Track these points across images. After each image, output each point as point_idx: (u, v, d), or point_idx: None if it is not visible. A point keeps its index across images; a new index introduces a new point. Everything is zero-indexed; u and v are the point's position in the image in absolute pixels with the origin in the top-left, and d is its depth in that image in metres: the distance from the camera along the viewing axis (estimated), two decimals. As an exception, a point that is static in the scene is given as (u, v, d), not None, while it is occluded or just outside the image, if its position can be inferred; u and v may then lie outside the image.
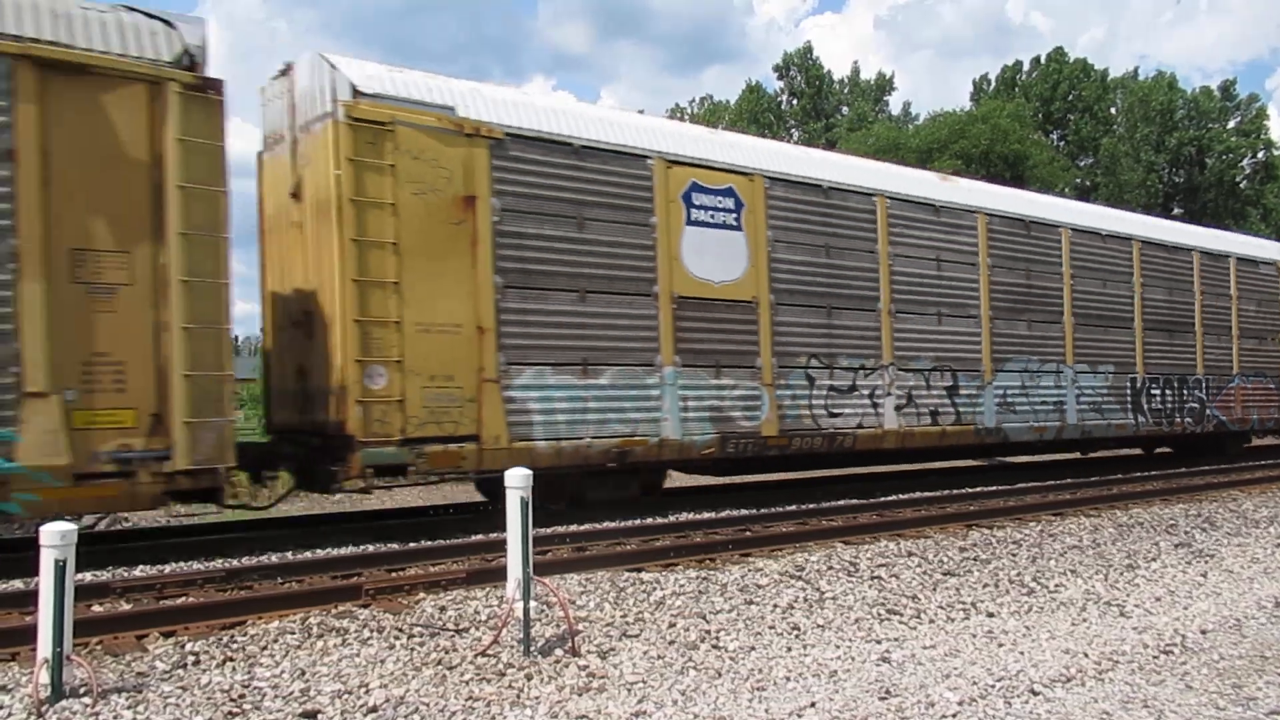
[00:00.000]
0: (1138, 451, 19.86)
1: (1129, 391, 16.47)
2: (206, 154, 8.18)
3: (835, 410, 12.40)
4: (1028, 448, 16.10)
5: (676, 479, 14.02)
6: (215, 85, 8.26)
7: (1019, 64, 58.19)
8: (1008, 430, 14.46)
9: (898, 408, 13.05)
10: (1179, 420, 17.43)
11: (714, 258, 11.37)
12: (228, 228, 8.34)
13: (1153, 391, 16.94)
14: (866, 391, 12.75)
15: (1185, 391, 17.63)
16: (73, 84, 7.69)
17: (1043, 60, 57.16)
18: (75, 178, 7.69)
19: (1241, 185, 55.59)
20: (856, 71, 62.21)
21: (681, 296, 11.05)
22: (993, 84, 58.14)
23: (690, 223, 11.21)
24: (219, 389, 8.19)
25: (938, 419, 13.53)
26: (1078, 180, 52.48)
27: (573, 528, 9.71)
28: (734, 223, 11.59)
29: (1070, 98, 55.74)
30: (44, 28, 7.66)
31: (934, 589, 7.50)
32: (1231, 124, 55.93)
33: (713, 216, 11.40)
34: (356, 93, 9.20)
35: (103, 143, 7.82)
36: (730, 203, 11.55)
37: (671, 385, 10.92)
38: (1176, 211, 51.63)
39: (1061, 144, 55.71)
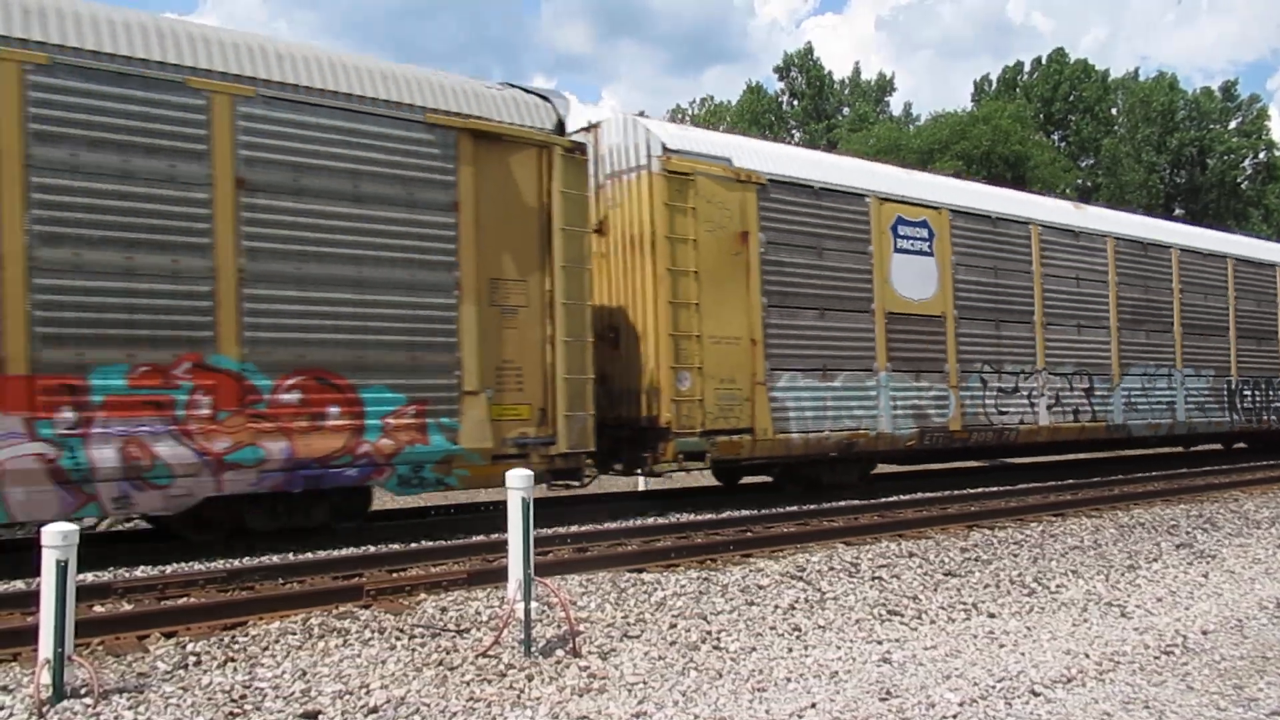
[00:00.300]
0: (1139, 452, 20.08)
1: (1226, 392, 18.59)
2: (578, 202, 10.34)
3: (1003, 409, 14.52)
4: (1144, 442, 18.13)
5: (678, 479, 14.03)
6: (581, 148, 10.50)
7: (1020, 65, 58.27)
8: (1131, 427, 16.58)
9: (1049, 407, 15.17)
10: (1266, 418, 19.57)
11: (913, 279, 13.50)
12: (590, 261, 10.58)
13: (1245, 392, 19.05)
14: (1025, 393, 14.85)
15: (1271, 392, 19.78)
16: (491, 149, 9.78)
17: (1043, 61, 57.19)
18: (493, 222, 9.76)
19: (1243, 186, 55.59)
20: (857, 72, 62.26)
21: (891, 312, 13.18)
22: (994, 85, 58.15)
23: (896, 250, 13.33)
24: (584, 389, 10.24)
25: (1078, 416, 15.65)
26: (1079, 181, 52.48)
27: (573, 528, 9.73)
28: (927, 249, 13.74)
29: (1071, 98, 55.76)
30: (472, 105, 9.77)
31: (935, 589, 7.50)
32: (1233, 125, 55.95)
33: (912, 244, 13.54)
34: (666, 150, 11.33)
35: (510, 194, 9.89)
36: (924, 233, 13.73)
37: (885, 387, 13.02)
38: (1178, 212, 51.62)
39: (1063, 145, 55.72)
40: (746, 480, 14.53)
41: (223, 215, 8.38)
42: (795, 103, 61.32)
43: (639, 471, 11.64)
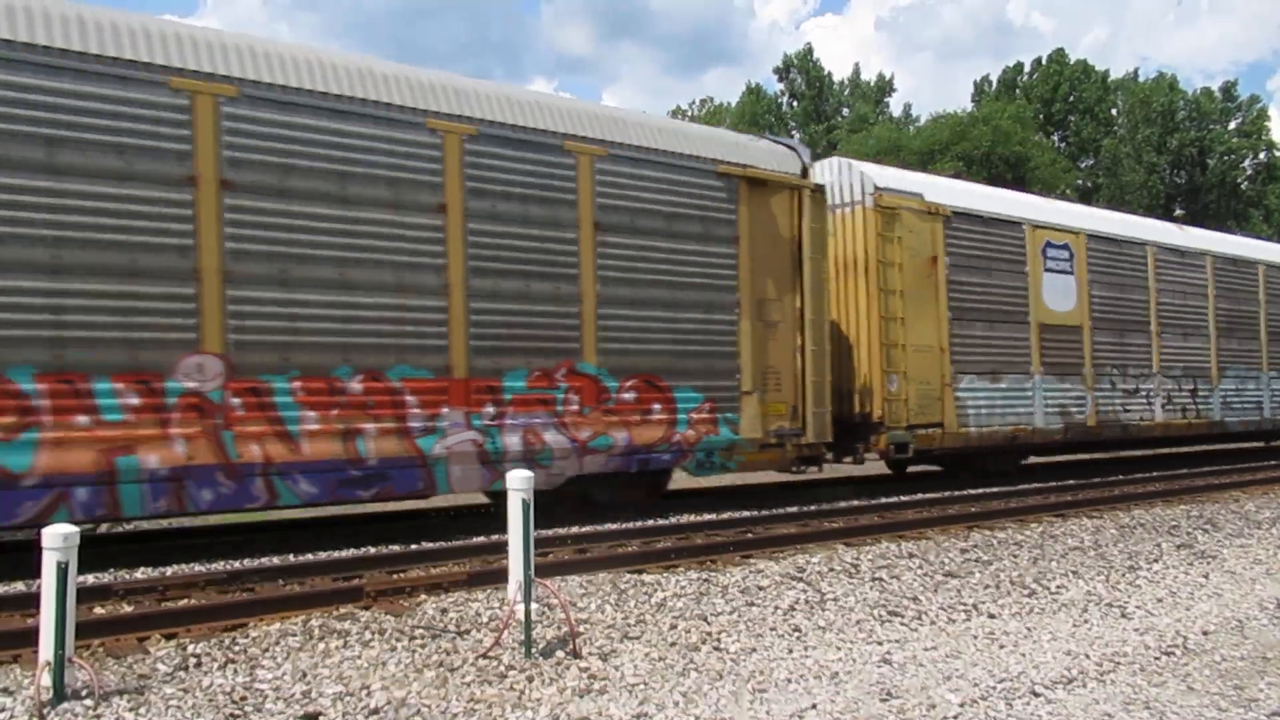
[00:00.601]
0: (1140, 453, 20.20)
1: None
2: (819, 235, 12.40)
3: (1127, 407, 16.72)
4: (1238, 436, 20.31)
5: (679, 480, 14.02)
6: (822, 189, 12.62)
7: (1020, 65, 58.28)
8: (1228, 423, 18.82)
9: (1163, 405, 17.45)
10: None
11: (1058, 295, 15.60)
12: (827, 283, 12.71)
13: None
14: (1144, 393, 17.07)
15: None
16: (759, 192, 11.85)
17: (1043, 61, 57.21)
18: (760, 252, 11.80)
19: (1243, 186, 55.61)
20: (857, 73, 62.27)
21: (1042, 324, 15.26)
22: (993, 85, 58.17)
23: (1046, 270, 15.45)
24: (824, 390, 12.35)
25: (1186, 414, 17.94)
26: (1079, 182, 52.50)
27: (574, 529, 9.73)
28: (1068, 269, 15.86)
29: (1071, 99, 55.80)
30: (745, 156, 11.92)
31: (935, 590, 7.50)
32: (1232, 125, 55.96)
33: (1057, 265, 15.64)
34: (877, 188, 13.45)
35: (771, 229, 11.94)
36: (1067, 254, 15.85)
37: (1039, 388, 15.11)
38: (1178, 212, 51.63)
39: (1063, 145, 55.73)
40: (737, 482, 14.53)
41: (585, 252, 10.45)
42: (795, 104, 61.34)
43: (847, 460, 13.65)
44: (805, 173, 12.36)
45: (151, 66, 8.19)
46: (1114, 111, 56.67)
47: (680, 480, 14.05)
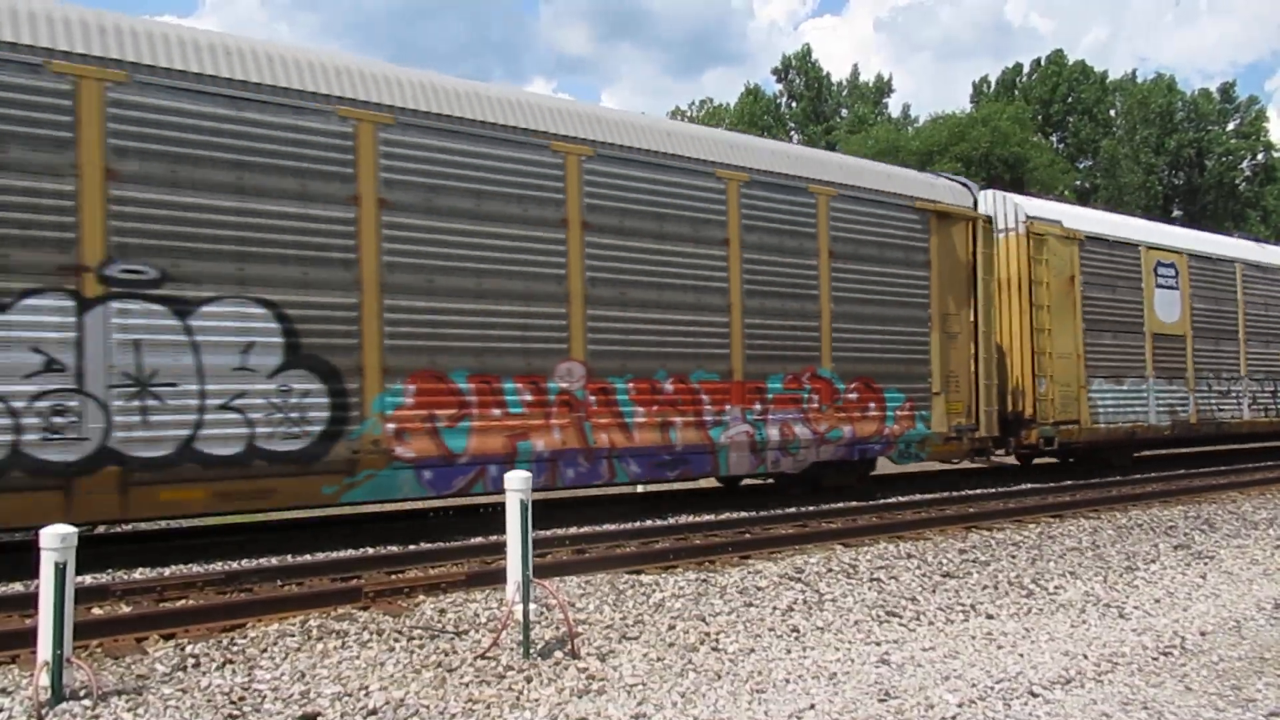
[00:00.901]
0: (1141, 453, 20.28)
1: None
2: (988, 259, 14.70)
3: (1221, 407, 19.02)
4: None
5: (680, 483, 14.01)
6: (990, 220, 14.95)
7: (1019, 66, 58.30)
8: None
9: (1249, 405, 19.82)
10: None
11: (1166, 307, 17.82)
12: (994, 301, 14.96)
13: None
14: (1234, 394, 19.39)
15: None
16: (944, 223, 14.07)
17: (1042, 62, 57.24)
18: (945, 275, 14.03)
19: (1241, 187, 55.65)
20: (856, 74, 62.28)
21: (1155, 333, 17.49)
22: (992, 86, 58.19)
23: (1157, 286, 17.66)
24: (992, 391, 14.51)
25: (1268, 412, 20.39)
26: (1077, 183, 52.53)
27: (572, 530, 9.73)
28: (1174, 284, 18.03)
29: (1069, 100, 55.83)
30: (932, 193, 14.16)
31: (933, 591, 7.50)
32: (1231, 126, 56.00)
33: (1165, 281, 17.86)
34: (1029, 217, 15.61)
35: (952, 255, 14.15)
36: (1173, 272, 18.07)
37: (1152, 390, 17.34)
38: (1176, 214, 51.65)
39: (1061, 146, 55.76)
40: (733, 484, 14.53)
41: (823, 276, 12.72)
42: (794, 105, 61.34)
43: (1000, 452, 15.74)
44: (975, 205, 14.71)
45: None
46: (1112, 112, 56.70)
47: (682, 484, 14.08)
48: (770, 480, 13.63)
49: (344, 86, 9.26)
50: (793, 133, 58.59)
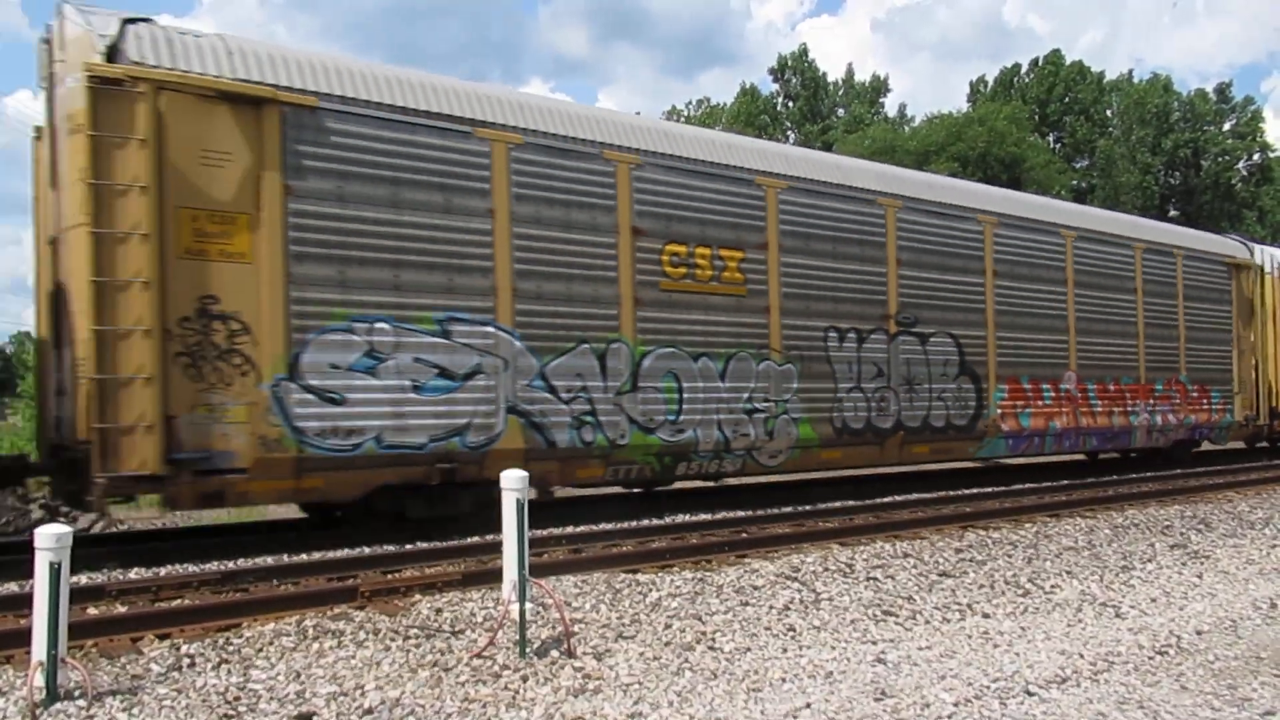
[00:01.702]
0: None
1: None
2: (1260, 295, 19.76)
3: None
4: None
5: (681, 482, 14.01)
6: (1262, 267, 19.73)
7: (1017, 66, 58.28)
8: None
9: None
10: None
11: None
12: (1264, 325, 20.10)
13: None
14: None
15: None
16: (1237, 272, 19.32)
17: (1039, 63, 57.26)
18: (1237, 309, 19.24)
19: (1237, 187, 55.69)
20: (851, 74, 62.26)
21: None
22: (989, 86, 58.20)
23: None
24: (1267, 392, 19.74)
25: None
26: (1074, 182, 52.56)
27: (569, 529, 9.72)
28: None
29: (1066, 100, 55.81)
30: (1230, 250, 19.50)
31: (930, 590, 7.50)
32: (1227, 126, 56.02)
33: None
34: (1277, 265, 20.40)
35: (1241, 294, 19.28)
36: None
37: None
38: (1172, 214, 51.70)
39: (1058, 146, 55.78)
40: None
41: (1180, 312, 18.13)
42: (790, 104, 61.32)
43: (1259, 444, 20.84)
44: (1251, 254, 19.80)
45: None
46: (1109, 113, 56.72)
47: (682, 482, 14.11)
48: (1132, 454, 18.70)
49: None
50: (789, 132, 58.57)
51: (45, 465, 9.33)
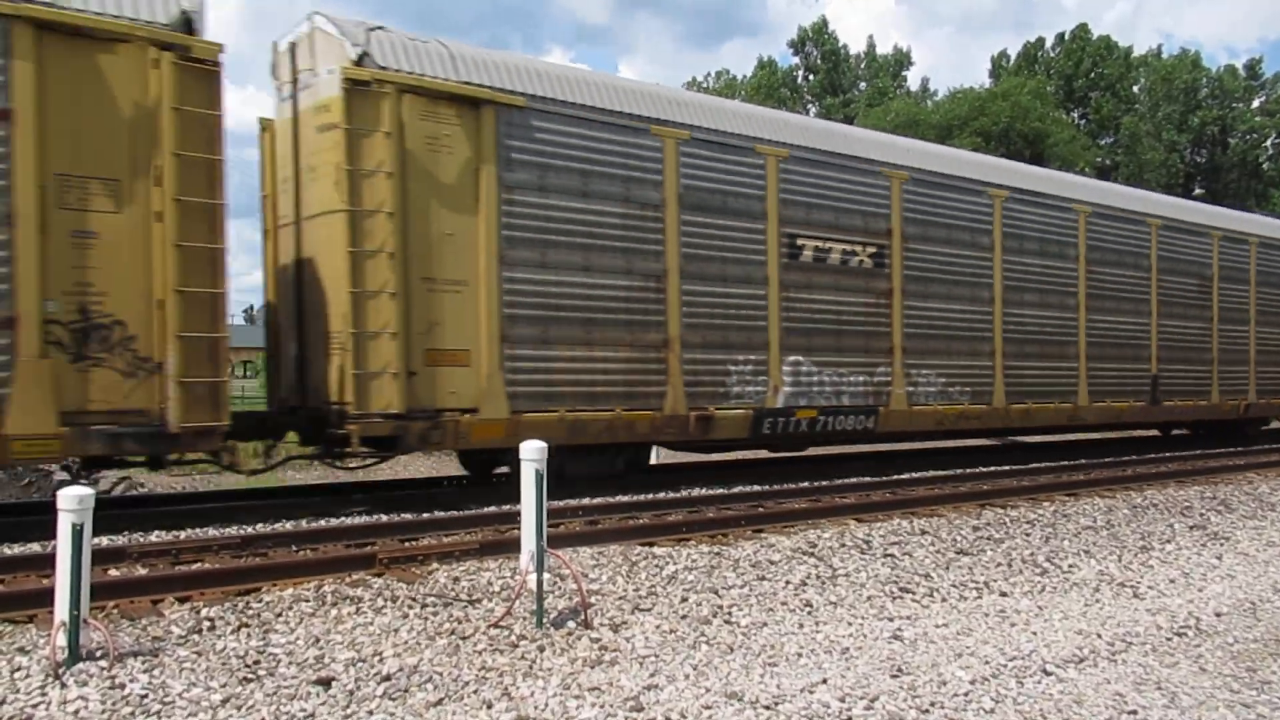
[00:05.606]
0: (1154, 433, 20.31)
1: None
2: None
3: None
4: None
5: (694, 455, 14.02)
6: None
7: (1041, 40, 57.47)
8: None
9: None
10: None
11: None
12: None
13: None
14: None
15: None
16: None
17: (1066, 37, 56.42)
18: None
19: (1265, 166, 54.88)
20: (872, 47, 61.54)
21: None
22: (1011, 60, 57.44)
23: None
24: None
25: None
26: (1098, 159, 51.93)
27: (585, 501, 9.74)
28: None
29: (1093, 75, 55.02)
30: None
31: (947, 568, 7.49)
32: (1256, 103, 55.15)
33: None
34: None
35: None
36: None
37: None
38: (1198, 192, 51.04)
39: (1083, 123, 55.06)
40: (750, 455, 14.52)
41: None
42: (811, 77, 60.72)
43: None
44: None
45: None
46: (1135, 89, 55.89)
47: (695, 455, 14.13)
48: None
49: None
50: (810, 106, 58.04)
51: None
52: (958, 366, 13.69)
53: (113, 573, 6.60)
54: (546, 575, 5.80)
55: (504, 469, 11.13)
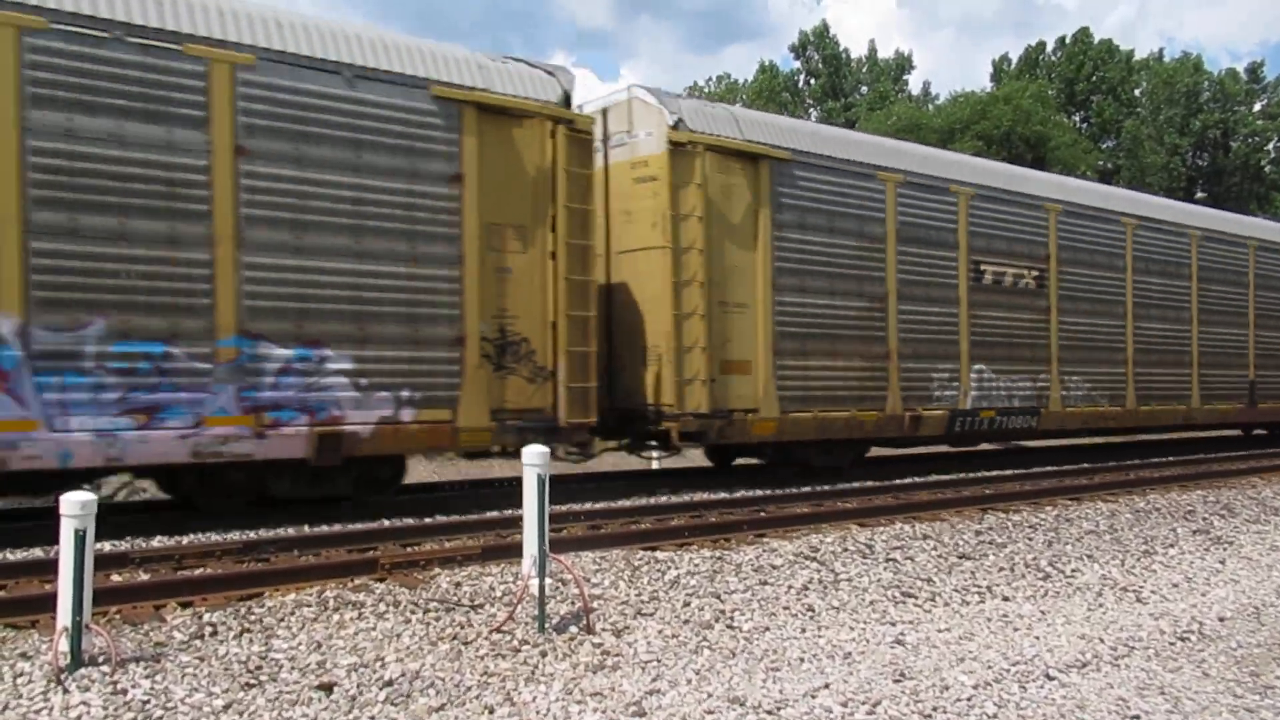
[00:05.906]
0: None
1: None
2: None
3: None
4: None
5: (694, 458, 14.02)
6: None
7: (1042, 44, 57.44)
8: None
9: None
10: None
11: None
12: None
13: None
14: None
15: None
16: None
17: (1067, 41, 56.43)
18: None
19: (1267, 170, 54.84)
20: (874, 51, 61.54)
21: None
22: (1014, 64, 57.44)
23: None
24: None
25: None
26: (1100, 163, 51.91)
27: (588, 505, 9.74)
28: None
29: (1094, 79, 55.00)
30: None
31: (949, 572, 7.48)
32: (1258, 107, 55.12)
33: None
34: None
35: None
36: None
37: None
38: (1199, 195, 51.01)
39: (1084, 126, 55.04)
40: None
41: None
42: (812, 81, 60.73)
43: None
44: None
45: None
46: (1137, 92, 55.86)
47: (695, 458, 14.12)
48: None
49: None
50: (811, 110, 58.05)
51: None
52: (1099, 373, 15.78)
53: (115, 578, 6.61)
54: (549, 580, 5.80)
55: (754, 459, 13.61)
